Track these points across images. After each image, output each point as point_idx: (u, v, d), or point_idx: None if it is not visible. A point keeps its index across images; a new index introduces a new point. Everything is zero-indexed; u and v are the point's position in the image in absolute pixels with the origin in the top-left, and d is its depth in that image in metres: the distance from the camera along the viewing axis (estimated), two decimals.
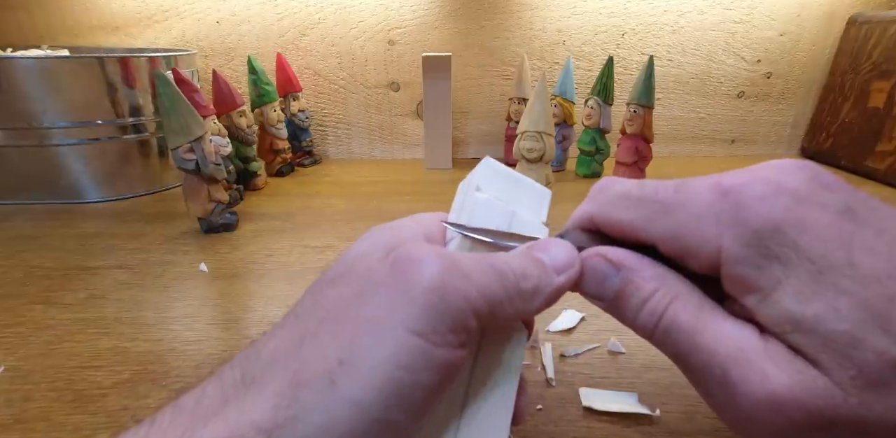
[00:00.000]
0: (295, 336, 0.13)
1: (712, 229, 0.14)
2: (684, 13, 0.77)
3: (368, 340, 0.12)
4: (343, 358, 0.12)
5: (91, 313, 0.39)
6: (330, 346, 0.12)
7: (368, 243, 0.16)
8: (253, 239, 0.52)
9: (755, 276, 0.13)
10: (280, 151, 0.73)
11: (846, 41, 0.78)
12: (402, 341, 0.12)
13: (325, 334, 0.13)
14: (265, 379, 0.13)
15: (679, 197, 0.15)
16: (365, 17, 0.76)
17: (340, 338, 0.12)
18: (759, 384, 0.12)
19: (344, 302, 0.13)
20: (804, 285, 0.12)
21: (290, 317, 0.15)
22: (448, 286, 0.13)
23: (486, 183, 0.18)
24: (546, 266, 0.16)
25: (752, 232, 0.13)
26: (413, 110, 0.83)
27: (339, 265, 0.16)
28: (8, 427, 0.28)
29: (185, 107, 0.48)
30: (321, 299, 0.14)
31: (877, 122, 0.72)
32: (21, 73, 0.56)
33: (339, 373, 0.12)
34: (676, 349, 0.14)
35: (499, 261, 0.15)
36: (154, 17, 0.75)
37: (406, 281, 0.13)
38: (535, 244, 0.17)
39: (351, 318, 0.13)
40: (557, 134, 0.73)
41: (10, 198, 0.62)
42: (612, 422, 0.28)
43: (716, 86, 0.83)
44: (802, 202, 0.13)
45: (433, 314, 0.13)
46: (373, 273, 0.14)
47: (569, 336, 0.36)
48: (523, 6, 0.76)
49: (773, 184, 0.13)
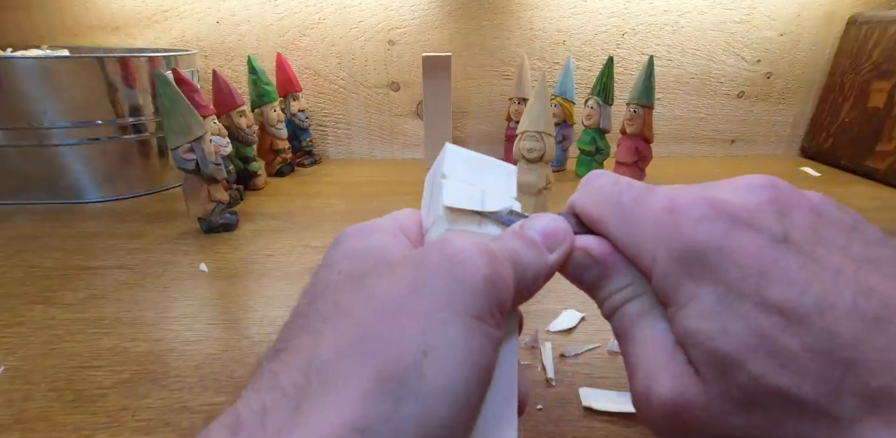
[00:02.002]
0: (357, 331, 0.13)
1: (651, 244, 0.15)
2: (684, 13, 0.77)
3: (441, 328, 0.13)
4: (425, 350, 0.12)
5: (91, 313, 0.39)
6: (406, 338, 0.12)
7: (371, 244, 0.16)
8: (253, 239, 0.52)
9: (674, 292, 0.14)
10: (280, 151, 0.73)
11: (846, 41, 0.78)
12: (469, 325, 0.13)
13: (393, 326, 0.13)
14: (341, 377, 0.12)
15: (636, 206, 0.16)
16: (365, 17, 0.76)
17: (413, 329, 0.12)
18: (646, 380, 0.14)
19: (398, 293, 0.13)
20: (710, 305, 0.13)
21: (329, 314, 0.14)
22: (496, 272, 0.14)
23: (451, 169, 0.18)
24: (539, 246, 0.16)
25: (679, 252, 0.14)
26: (413, 110, 0.83)
27: (352, 260, 0.16)
28: (8, 427, 0.28)
29: (185, 107, 0.48)
30: (367, 292, 0.14)
31: (877, 122, 0.72)
32: (21, 73, 0.56)
33: (425, 365, 0.12)
34: (618, 335, 0.17)
35: (511, 249, 0.16)
36: (154, 17, 0.75)
37: (460, 270, 0.13)
38: (525, 222, 0.17)
39: (415, 309, 0.13)
40: (557, 134, 0.73)
41: (10, 198, 0.62)
42: (612, 422, 0.28)
43: (716, 86, 0.83)
44: (737, 227, 0.14)
45: (487, 300, 0.13)
46: (421, 264, 0.14)
47: (569, 336, 0.36)
48: (523, 6, 0.76)
49: (714, 205, 0.14)
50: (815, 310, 0.12)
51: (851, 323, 0.12)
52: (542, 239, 0.17)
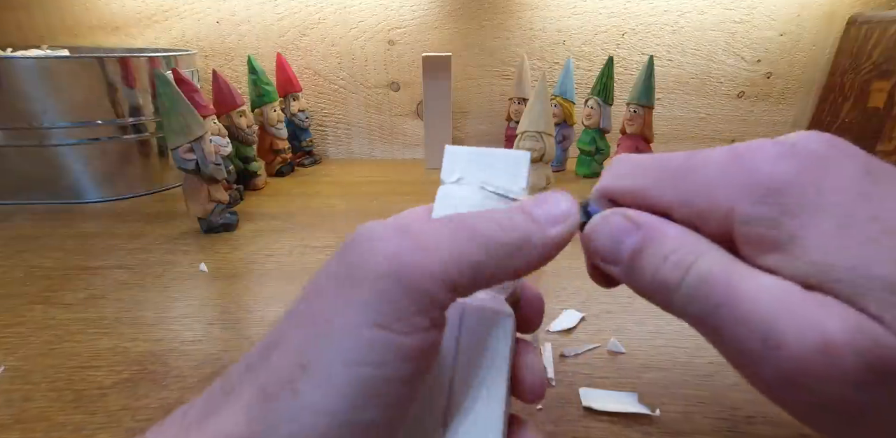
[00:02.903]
0: (267, 343, 0.13)
1: (724, 190, 0.13)
2: (684, 13, 0.77)
3: (325, 340, 0.11)
4: (304, 364, 0.11)
5: (91, 313, 0.39)
6: (292, 352, 0.12)
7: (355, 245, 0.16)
8: (253, 239, 0.52)
9: (773, 234, 0.12)
10: (280, 151, 0.73)
11: (846, 41, 0.78)
12: (360, 336, 0.11)
13: (289, 340, 0.12)
14: (240, 390, 0.12)
15: (691, 162, 0.14)
16: (365, 17, 0.76)
17: (300, 342, 0.12)
18: (811, 330, 0.11)
19: (306, 302, 0.13)
20: (828, 238, 0.12)
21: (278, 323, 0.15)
22: (404, 266, 0.12)
23: (450, 172, 0.17)
24: (534, 216, 0.14)
25: (765, 190, 0.12)
26: (413, 110, 0.83)
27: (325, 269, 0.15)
28: (8, 427, 0.28)
29: (185, 107, 0.48)
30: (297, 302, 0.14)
31: (877, 122, 0.72)
32: (21, 73, 0.56)
33: (301, 380, 0.11)
34: (706, 303, 0.13)
35: (474, 217, 0.14)
36: (154, 17, 0.75)
37: (356, 270, 0.12)
38: (527, 200, 0.16)
39: (310, 319, 0.12)
40: (557, 134, 0.73)
41: (10, 198, 0.62)
42: (612, 422, 0.28)
43: (716, 86, 0.83)
44: (820, 162, 0.12)
45: (391, 301, 0.12)
46: (327, 267, 0.13)
47: (569, 336, 0.36)
48: (523, 6, 0.76)
49: (788, 145, 0.13)
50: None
51: None
52: (541, 211, 0.15)
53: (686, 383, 0.31)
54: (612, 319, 0.38)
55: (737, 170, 0.13)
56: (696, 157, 0.14)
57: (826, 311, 0.11)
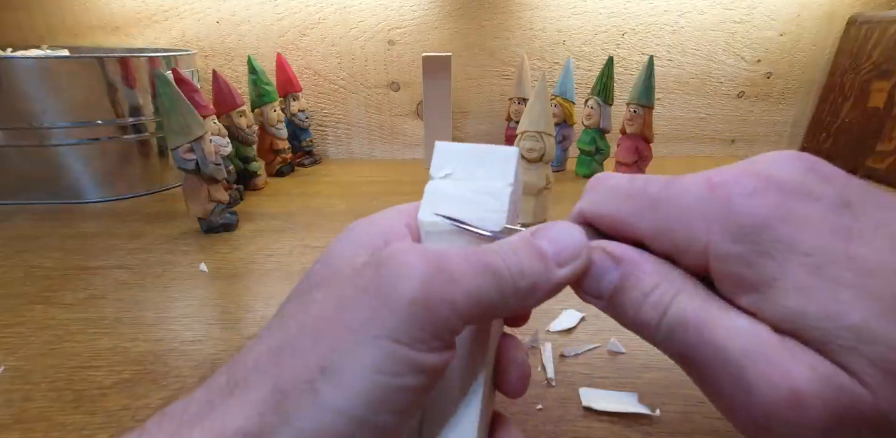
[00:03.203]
0: (277, 341, 0.13)
1: (700, 225, 0.13)
2: (684, 13, 0.77)
3: (349, 347, 0.12)
4: (324, 366, 0.12)
5: (91, 313, 0.39)
6: (311, 353, 0.12)
7: (351, 243, 0.16)
8: (253, 239, 0.52)
9: (748, 274, 0.12)
10: (280, 151, 0.73)
11: (846, 41, 0.78)
12: (383, 348, 0.12)
13: (305, 340, 0.13)
14: (249, 386, 0.13)
15: (668, 192, 0.14)
16: (365, 17, 0.76)
17: (321, 345, 0.12)
18: (780, 380, 0.11)
19: (326, 307, 0.13)
20: (802, 280, 0.12)
21: (275, 321, 0.15)
22: (433, 295, 0.12)
23: (439, 167, 0.17)
24: (548, 259, 0.14)
25: (739, 228, 0.12)
26: (413, 110, 0.83)
27: (323, 266, 0.16)
28: (8, 427, 0.28)
29: (185, 107, 0.48)
30: (307, 303, 0.14)
31: (877, 122, 0.72)
32: (21, 73, 0.56)
33: (320, 381, 0.12)
34: (684, 345, 0.13)
35: (494, 258, 0.14)
36: (154, 17, 0.75)
37: (388, 290, 0.12)
38: (539, 229, 0.15)
39: (332, 325, 0.13)
40: (557, 134, 0.73)
41: (10, 198, 0.62)
42: (612, 422, 0.28)
43: (716, 86, 0.83)
44: (794, 195, 0.12)
45: (416, 324, 0.12)
46: (356, 279, 0.13)
47: (569, 336, 0.36)
48: (523, 6, 0.76)
49: (762, 178, 0.13)
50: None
51: None
52: (552, 250, 0.15)
53: (686, 383, 0.31)
54: (612, 319, 0.38)
55: (712, 204, 0.13)
56: (674, 187, 0.14)
57: (796, 360, 0.12)
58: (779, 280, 0.12)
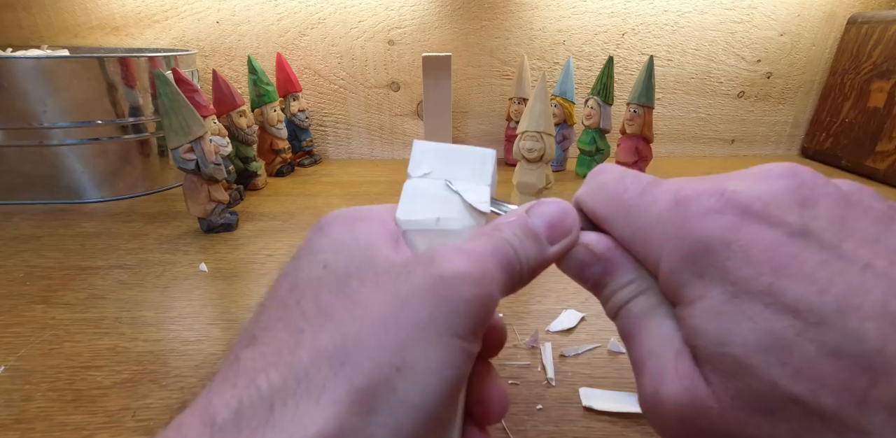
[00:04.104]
0: (336, 339, 0.13)
1: (657, 240, 0.14)
2: (684, 13, 0.77)
3: (420, 346, 0.13)
4: (399, 366, 0.12)
5: (91, 313, 0.39)
6: (381, 352, 0.13)
7: (364, 234, 0.16)
8: (253, 239, 0.52)
9: (681, 290, 0.14)
10: (280, 151, 0.73)
11: (846, 41, 0.78)
12: (450, 346, 0.13)
13: (371, 339, 0.13)
14: (317, 385, 0.12)
15: (641, 200, 0.15)
16: (365, 17, 0.76)
17: (390, 344, 0.13)
18: (654, 381, 0.14)
19: (383, 305, 0.13)
20: (717, 305, 0.13)
21: (311, 311, 0.14)
22: (482, 293, 0.14)
23: (417, 166, 0.18)
24: (541, 239, 0.16)
25: (686, 248, 0.13)
26: (413, 110, 0.83)
27: (345, 258, 0.15)
28: (8, 427, 0.28)
29: (185, 107, 0.48)
30: (353, 298, 0.14)
31: (877, 122, 0.72)
32: (21, 73, 0.56)
33: (398, 380, 0.12)
34: (623, 334, 0.16)
35: (508, 250, 0.15)
36: (154, 17, 0.75)
37: (446, 291, 0.13)
38: (533, 206, 0.17)
39: (394, 323, 0.13)
40: (557, 134, 0.73)
41: (10, 198, 0.62)
42: (612, 422, 0.28)
43: (716, 86, 0.83)
44: (749, 219, 0.13)
45: (473, 320, 0.13)
46: (409, 278, 0.14)
47: (569, 336, 0.36)
48: (523, 6, 0.76)
49: (724, 198, 0.13)
50: (836, 311, 0.11)
51: (881, 326, 0.11)
52: (546, 230, 0.16)
53: None
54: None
55: (671, 221, 0.14)
56: (647, 195, 0.15)
57: (676, 369, 0.13)
58: (701, 300, 0.13)
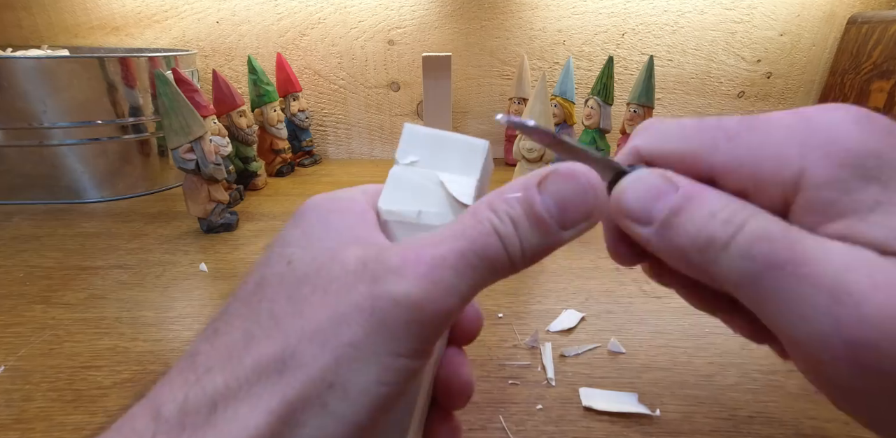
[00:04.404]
0: (276, 349, 0.13)
1: (794, 150, 0.12)
2: (684, 13, 0.77)
3: (354, 365, 0.13)
4: (332, 382, 0.13)
5: (91, 313, 0.39)
6: (315, 367, 0.13)
7: (329, 229, 0.15)
8: (253, 239, 0.52)
9: (845, 200, 0.12)
10: (280, 151, 0.73)
11: (846, 41, 0.78)
12: (386, 363, 0.13)
13: (307, 353, 0.13)
14: (254, 393, 0.13)
15: (750, 123, 0.13)
16: (365, 17, 0.76)
17: (325, 359, 0.13)
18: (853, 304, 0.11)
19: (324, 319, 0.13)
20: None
21: (263, 313, 0.14)
22: (429, 311, 0.13)
23: (405, 152, 0.17)
24: (549, 225, 0.13)
25: (845, 151, 0.12)
26: (413, 110, 0.83)
27: (305, 253, 0.15)
28: (8, 427, 0.28)
29: (185, 107, 0.48)
30: (300, 304, 0.14)
31: None
32: (21, 73, 0.56)
33: (330, 396, 0.12)
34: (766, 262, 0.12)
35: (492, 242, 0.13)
36: (154, 17, 0.75)
37: (385, 312, 0.13)
38: (547, 180, 0.13)
39: (331, 340, 0.13)
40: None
41: (10, 198, 0.62)
42: (612, 422, 0.28)
43: (716, 86, 0.83)
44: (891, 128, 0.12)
45: (415, 340, 0.13)
46: (351, 292, 0.13)
47: (569, 336, 0.36)
48: (523, 6, 0.76)
49: (863, 112, 0.12)
50: None
51: None
52: (558, 212, 0.13)
53: (686, 383, 0.31)
54: (612, 319, 0.38)
55: (811, 132, 0.12)
56: (757, 119, 0.13)
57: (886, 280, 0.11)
58: (883, 203, 0.11)
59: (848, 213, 0.12)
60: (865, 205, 0.12)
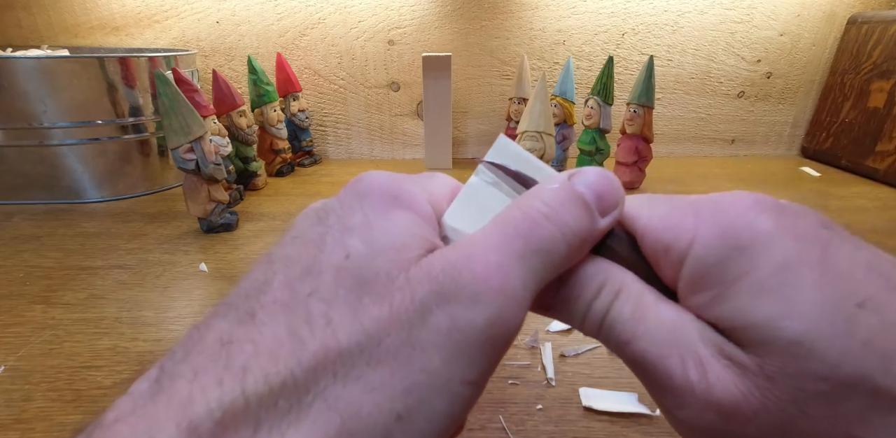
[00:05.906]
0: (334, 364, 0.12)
1: (690, 220, 0.13)
2: (684, 13, 0.77)
3: (426, 394, 0.12)
4: (401, 413, 0.11)
5: (91, 313, 0.39)
6: (383, 394, 0.11)
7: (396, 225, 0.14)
8: (253, 239, 0.52)
9: (715, 272, 0.13)
10: (280, 151, 0.73)
11: (846, 41, 0.78)
12: (457, 393, 0.12)
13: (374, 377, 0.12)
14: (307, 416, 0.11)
15: (666, 197, 0.15)
16: (365, 17, 0.76)
17: (393, 386, 0.12)
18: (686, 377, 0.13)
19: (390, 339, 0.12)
20: (765, 278, 0.12)
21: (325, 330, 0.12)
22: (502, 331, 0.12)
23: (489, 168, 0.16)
24: (593, 210, 0.14)
25: (726, 224, 0.13)
26: (413, 110, 0.83)
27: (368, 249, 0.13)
28: (8, 427, 0.28)
29: (185, 107, 0.48)
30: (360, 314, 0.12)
31: (877, 122, 0.72)
32: (21, 73, 0.56)
33: (395, 428, 0.11)
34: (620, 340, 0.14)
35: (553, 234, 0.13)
36: (154, 17, 0.75)
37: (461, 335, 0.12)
38: (576, 175, 0.14)
39: (403, 364, 0.12)
40: (557, 134, 0.73)
41: (10, 198, 0.62)
42: (612, 422, 0.28)
43: (716, 86, 0.83)
44: (782, 211, 0.13)
45: (488, 362, 0.12)
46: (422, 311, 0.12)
47: (569, 336, 0.36)
48: (523, 6, 0.76)
49: (751, 196, 0.13)
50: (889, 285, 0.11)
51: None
52: (595, 200, 0.14)
53: None
54: None
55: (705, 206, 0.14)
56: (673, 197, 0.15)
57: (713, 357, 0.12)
58: (743, 277, 0.12)
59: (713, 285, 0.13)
60: (731, 278, 0.12)
